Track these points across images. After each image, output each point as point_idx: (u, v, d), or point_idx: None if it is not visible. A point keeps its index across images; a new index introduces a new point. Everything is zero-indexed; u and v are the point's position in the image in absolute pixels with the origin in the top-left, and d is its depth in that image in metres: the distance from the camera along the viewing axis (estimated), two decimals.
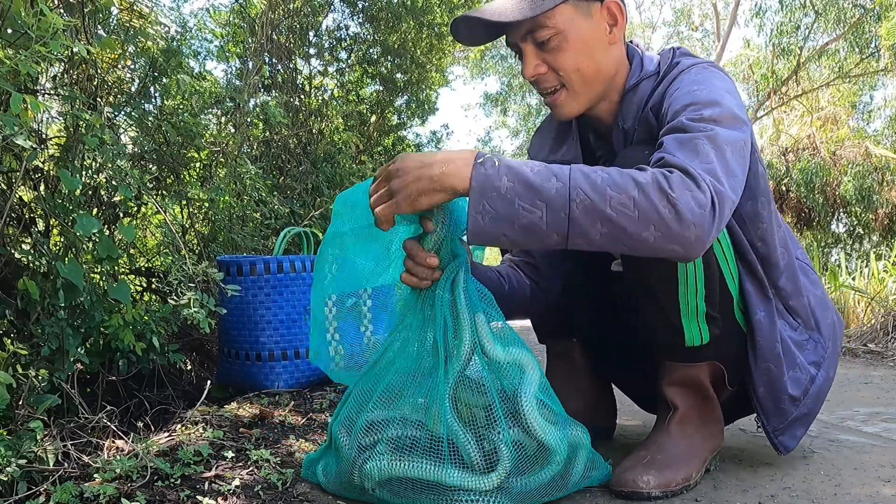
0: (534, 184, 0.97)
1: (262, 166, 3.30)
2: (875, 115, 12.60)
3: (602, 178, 0.97)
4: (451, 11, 5.83)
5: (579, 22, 1.21)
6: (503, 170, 0.98)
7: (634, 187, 0.96)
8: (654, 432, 1.31)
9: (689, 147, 1.04)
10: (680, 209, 0.96)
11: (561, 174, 0.98)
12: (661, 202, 0.95)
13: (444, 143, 6.66)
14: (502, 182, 0.97)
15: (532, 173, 0.98)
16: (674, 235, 0.97)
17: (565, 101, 1.27)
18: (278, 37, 4.15)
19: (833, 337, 1.37)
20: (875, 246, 9.92)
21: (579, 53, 1.22)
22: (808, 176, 9.71)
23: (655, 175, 0.98)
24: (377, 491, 1.10)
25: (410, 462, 1.06)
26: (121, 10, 1.75)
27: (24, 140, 1.19)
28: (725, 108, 1.12)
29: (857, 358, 3.67)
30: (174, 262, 1.71)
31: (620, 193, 0.96)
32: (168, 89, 2.02)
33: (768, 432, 1.29)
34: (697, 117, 1.10)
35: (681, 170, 0.99)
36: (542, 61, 1.24)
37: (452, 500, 1.04)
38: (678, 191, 0.96)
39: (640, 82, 1.27)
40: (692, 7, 16.21)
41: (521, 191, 0.97)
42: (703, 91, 1.15)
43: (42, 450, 1.14)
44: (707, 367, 1.28)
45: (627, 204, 0.96)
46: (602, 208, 0.96)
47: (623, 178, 0.97)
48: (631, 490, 1.17)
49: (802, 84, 11.17)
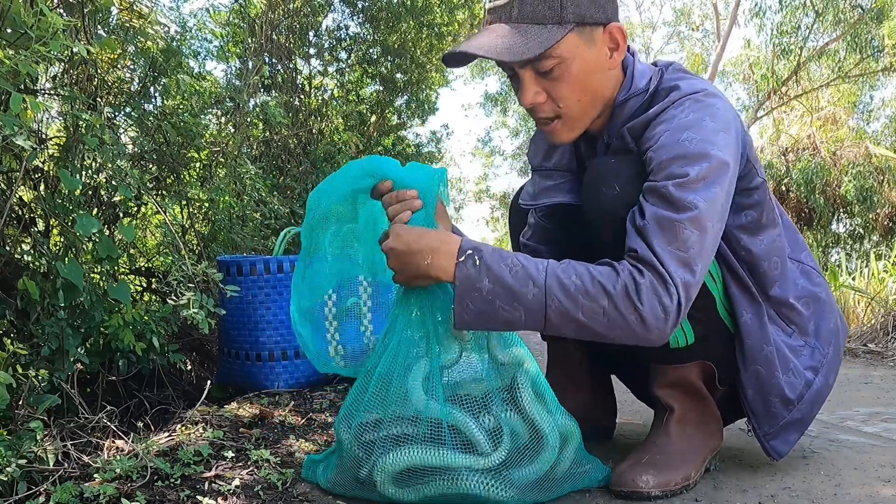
0: (513, 288, 1.05)
1: (262, 166, 3.30)
2: (875, 115, 12.60)
3: (575, 285, 1.05)
4: (451, 11, 5.83)
5: (583, 50, 1.17)
6: (483, 270, 1.06)
7: (605, 297, 1.05)
8: (652, 433, 1.32)
9: (669, 233, 1.07)
10: (646, 318, 1.04)
11: (538, 279, 1.06)
12: (628, 311, 1.04)
13: (444, 143, 6.66)
14: (483, 283, 1.06)
15: (511, 276, 1.06)
16: (638, 337, 1.07)
17: (560, 131, 1.25)
18: (278, 37, 4.15)
19: (834, 342, 1.34)
20: (875, 246, 9.92)
21: (580, 83, 1.19)
22: (808, 176, 9.72)
23: (626, 284, 1.05)
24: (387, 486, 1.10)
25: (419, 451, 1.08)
26: (120, 10, 1.75)
27: (24, 140, 1.19)
28: (714, 159, 1.10)
29: (857, 358, 3.67)
30: (174, 263, 1.71)
31: (591, 303, 1.05)
32: (168, 89, 2.02)
33: (759, 436, 1.28)
34: (683, 182, 1.09)
35: (654, 271, 1.05)
36: (541, 89, 1.20)
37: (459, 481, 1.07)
38: (646, 300, 1.04)
39: (628, 99, 1.24)
40: (692, 7, 16.23)
41: (501, 293, 1.06)
42: (694, 141, 1.12)
43: (42, 450, 1.14)
44: (697, 367, 1.28)
45: (598, 312, 1.05)
46: (574, 315, 1.05)
47: (595, 287, 1.05)
48: (630, 490, 1.17)
49: (802, 84, 11.17)
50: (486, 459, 1.09)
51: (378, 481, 1.10)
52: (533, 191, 1.42)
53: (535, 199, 1.41)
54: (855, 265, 7.10)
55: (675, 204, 1.08)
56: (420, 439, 1.09)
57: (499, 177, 21.72)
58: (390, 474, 1.09)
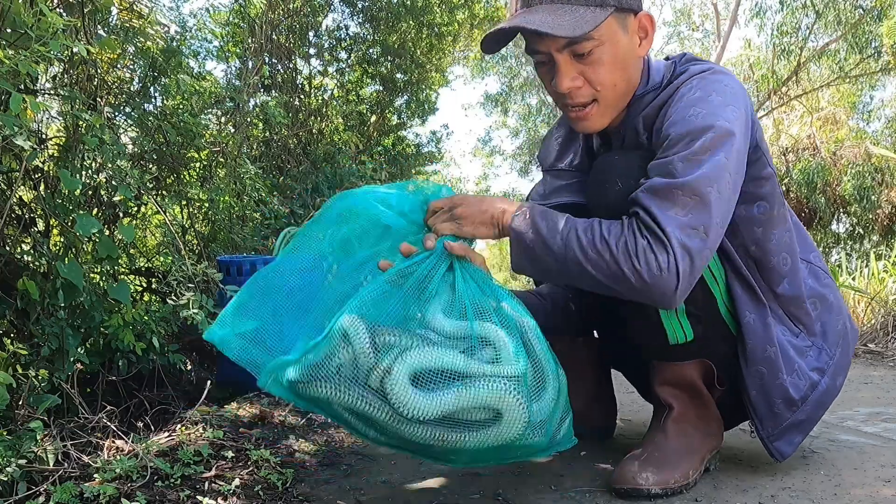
0: (545, 239, 1.15)
1: (262, 166, 3.30)
2: (875, 116, 12.60)
3: (587, 238, 1.12)
4: (451, 11, 5.82)
5: (619, 35, 1.19)
6: (529, 221, 1.16)
7: (608, 252, 1.11)
8: (650, 431, 1.32)
9: (667, 199, 1.10)
10: (643, 274, 1.09)
11: (561, 230, 1.14)
12: (626, 267, 1.10)
13: (444, 143, 6.67)
14: (528, 234, 1.16)
15: (546, 229, 1.15)
16: (639, 293, 1.11)
17: (595, 116, 1.25)
18: (278, 37, 4.15)
19: (842, 344, 1.33)
20: (875, 246, 9.92)
21: (617, 67, 1.20)
22: (809, 176, 9.72)
23: (626, 241, 1.10)
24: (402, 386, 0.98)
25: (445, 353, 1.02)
26: (120, 11, 1.75)
27: (24, 140, 1.19)
28: (718, 128, 1.12)
29: (857, 358, 3.67)
30: (174, 263, 1.71)
31: (598, 256, 1.11)
32: (168, 89, 2.02)
33: (762, 437, 1.27)
34: (688, 154, 1.11)
35: (651, 233, 1.09)
36: (578, 74, 1.20)
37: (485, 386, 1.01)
38: (642, 258, 1.08)
39: (645, 94, 1.26)
40: (692, 7, 16.23)
41: (538, 241, 1.15)
42: (700, 115, 1.14)
43: (42, 450, 1.14)
44: (697, 366, 1.28)
45: (602, 265, 1.11)
46: (585, 266, 1.12)
47: (601, 243, 1.11)
48: (631, 487, 1.17)
49: (802, 84, 11.17)
50: (512, 367, 1.04)
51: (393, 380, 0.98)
52: (544, 191, 1.43)
53: (545, 198, 1.41)
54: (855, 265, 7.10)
55: (674, 173, 1.11)
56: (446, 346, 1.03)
57: (499, 177, 21.76)
58: (410, 368, 0.99)
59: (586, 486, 1.25)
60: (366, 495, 1.22)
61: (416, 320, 1.06)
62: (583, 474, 1.33)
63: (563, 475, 1.32)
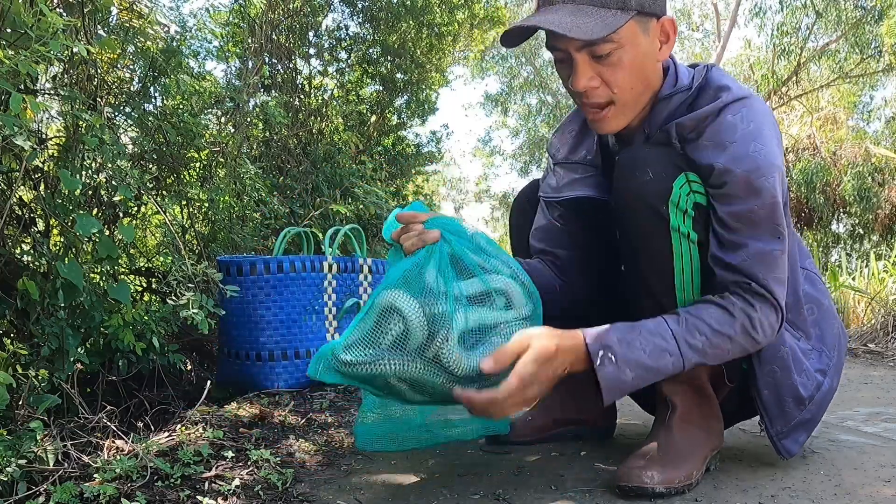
0: (653, 367, 1.15)
1: (262, 166, 3.30)
2: (875, 116, 12.60)
3: (702, 342, 1.16)
4: (451, 11, 5.82)
5: (640, 38, 1.19)
6: (622, 364, 1.12)
7: (727, 341, 1.17)
8: (654, 430, 1.32)
9: (771, 264, 1.18)
10: (761, 341, 1.20)
11: (672, 350, 1.15)
12: (748, 343, 1.19)
13: (444, 143, 6.66)
14: (626, 375, 1.13)
15: (647, 355, 1.14)
16: (753, 350, 1.22)
17: (612, 119, 1.25)
18: (278, 37, 4.15)
19: (837, 347, 1.37)
20: (875, 246, 9.92)
21: (635, 70, 1.20)
22: (809, 176, 9.72)
23: (742, 323, 1.16)
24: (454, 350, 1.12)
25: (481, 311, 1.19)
26: (120, 11, 1.75)
27: (24, 140, 1.19)
28: (778, 170, 1.18)
29: (857, 358, 3.67)
30: (174, 263, 1.71)
31: (717, 349, 1.17)
32: (168, 89, 2.02)
33: (771, 436, 1.30)
34: (765, 210, 1.17)
35: (765, 301, 1.17)
36: (596, 74, 1.20)
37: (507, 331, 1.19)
38: (760, 329, 1.18)
39: (673, 95, 1.26)
40: (692, 7, 16.22)
41: (644, 374, 1.14)
42: (761, 153, 1.16)
43: (42, 450, 1.14)
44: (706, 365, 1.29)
45: (723, 353, 1.19)
46: (705, 361, 1.19)
47: (718, 338, 1.16)
48: (636, 485, 1.17)
49: (802, 84, 11.17)
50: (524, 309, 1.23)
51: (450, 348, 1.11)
52: (556, 184, 1.42)
53: (559, 191, 1.40)
54: (855, 265, 7.10)
55: (770, 231, 1.18)
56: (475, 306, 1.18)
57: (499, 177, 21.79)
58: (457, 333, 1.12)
59: (586, 486, 1.25)
60: (366, 495, 1.22)
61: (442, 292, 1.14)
62: (583, 474, 1.33)
63: (563, 475, 1.32)
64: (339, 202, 3.77)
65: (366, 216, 4.20)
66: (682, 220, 1.19)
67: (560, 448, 1.51)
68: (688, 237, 1.19)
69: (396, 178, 6.25)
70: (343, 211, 3.43)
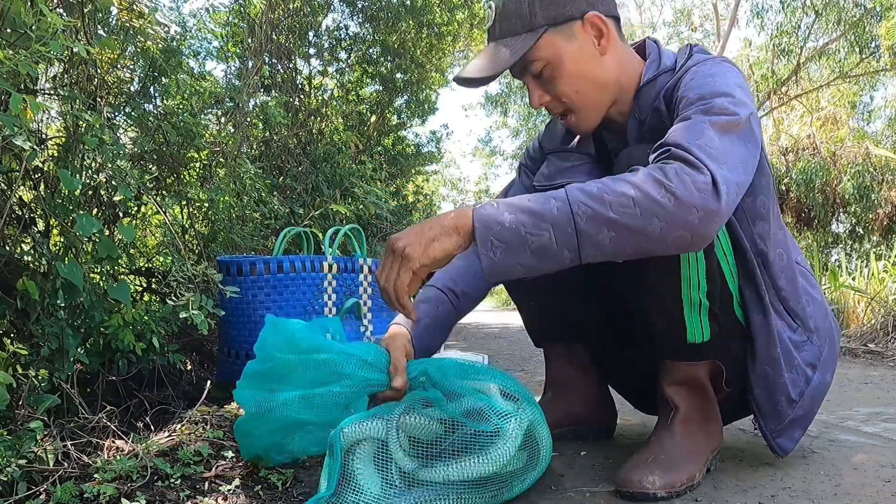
0: (535, 209, 1.00)
1: (261, 166, 3.30)
2: (875, 115, 12.60)
3: (598, 187, 1.00)
4: (450, 11, 5.82)
5: (565, 46, 1.24)
6: (503, 206, 1.01)
7: (630, 187, 0.99)
8: (656, 432, 1.31)
9: (695, 130, 1.06)
10: (678, 194, 0.97)
11: (558, 195, 1.01)
12: (659, 192, 0.98)
13: (444, 143, 6.67)
14: (504, 216, 1.00)
15: (531, 202, 1.01)
16: (678, 221, 0.98)
17: (578, 122, 1.31)
18: (278, 37, 4.15)
19: (830, 341, 1.36)
20: (875, 246, 9.92)
21: (574, 77, 1.25)
22: (808, 176, 9.72)
23: (650, 171, 1.00)
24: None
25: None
26: (120, 11, 1.75)
27: (24, 140, 1.19)
28: (738, 101, 1.12)
29: (857, 358, 3.67)
30: (174, 263, 1.71)
31: (619, 196, 0.98)
32: (168, 89, 2.02)
33: (766, 434, 1.29)
34: (708, 107, 1.10)
35: (679, 158, 1.01)
36: (544, 91, 1.28)
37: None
38: (675, 179, 0.98)
39: (657, 76, 1.28)
40: (692, 7, 16.23)
41: (525, 219, 0.99)
42: (718, 81, 1.16)
43: (42, 450, 1.14)
44: (707, 366, 1.29)
45: (627, 203, 0.98)
46: (605, 213, 0.98)
47: (617, 182, 1.00)
48: (636, 490, 1.16)
49: (802, 84, 11.17)
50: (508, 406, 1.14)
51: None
52: (549, 172, 1.42)
53: (551, 179, 1.40)
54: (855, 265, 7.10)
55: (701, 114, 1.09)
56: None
57: (499, 177, 21.80)
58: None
59: (586, 486, 1.25)
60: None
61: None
62: (583, 474, 1.33)
63: (563, 475, 1.32)
64: (339, 202, 3.77)
65: (366, 216, 4.20)
66: None
67: (560, 448, 1.51)
68: None
69: (396, 178, 6.25)
70: (343, 211, 3.43)
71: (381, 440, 1.08)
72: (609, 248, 1.00)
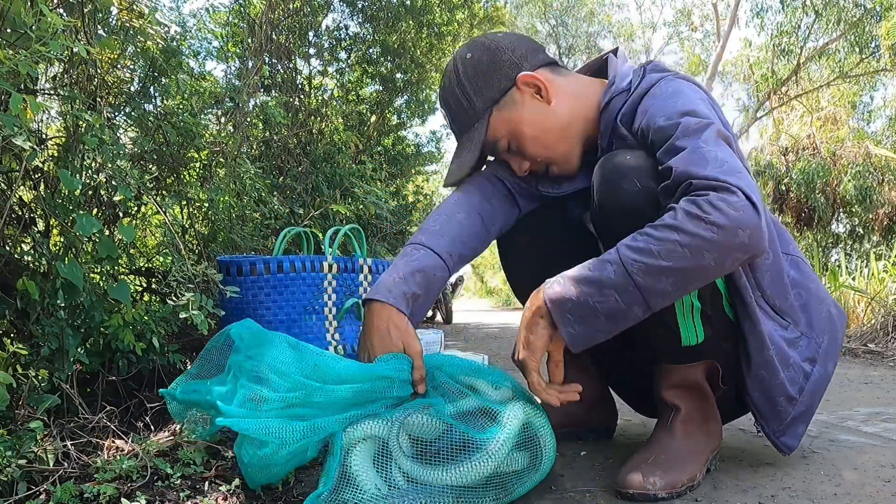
0: (595, 279, 1.07)
1: (261, 166, 3.30)
2: (875, 116, 12.61)
3: (643, 240, 1.05)
4: (450, 11, 5.83)
5: (513, 115, 1.29)
6: (567, 282, 1.09)
7: (673, 231, 1.03)
8: (656, 433, 1.31)
9: (696, 154, 1.07)
10: (720, 223, 1.01)
11: (611, 258, 1.07)
12: (699, 228, 1.01)
13: (444, 143, 6.68)
14: (571, 292, 1.08)
15: (590, 270, 1.08)
16: (728, 248, 1.02)
17: (562, 170, 1.35)
18: (278, 37, 4.15)
19: (830, 330, 1.34)
20: (875, 246, 9.92)
21: (537, 136, 1.30)
22: (809, 176, 9.72)
23: (684, 209, 1.03)
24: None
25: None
26: (120, 10, 1.74)
27: (24, 140, 1.19)
28: (701, 113, 1.14)
29: (857, 358, 3.67)
30: (174, 263, 1.71)
31: (665, 244, 1.03)
32: (168, 89, 2.02)
33: (768, 435, 1.29)
34: (686, 128, 1.11)
35: (704, 188, 1.03)
36: (521, 159, 1.34)
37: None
38: (711, 210, 1.01)
39: (611, 100, 1.29)
40: (692, 7, 16.23)
41: (589, 290, 1.07)
42: (680, 101, 1.17)
43: (42, 450, 1.14)
44: (703, 367, 1.29)
45: (674, 248, 1.02)
46: (658, 264, 1.03)
47: (659, 230, 1.04)
48: (637, 491, 1.16)
49: (802, 84, 11.17)
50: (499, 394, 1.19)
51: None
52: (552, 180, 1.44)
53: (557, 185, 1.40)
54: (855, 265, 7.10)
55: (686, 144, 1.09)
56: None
57: None
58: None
59: (586, 486, 1.25)
60: None
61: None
62: (583, 474, 1.33)
63: (563, 475, 1.32)
64: (339, 202, 3.77)
65: (366, 216, 4.20)
66: None
67: (560, 448, 1.50)
68: None
69: (396, 178, 6.25)
70: (343, 211, 3.43)
71: (381, 439, 1.08)
72: (673, 292, 1.06)
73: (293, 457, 1.06)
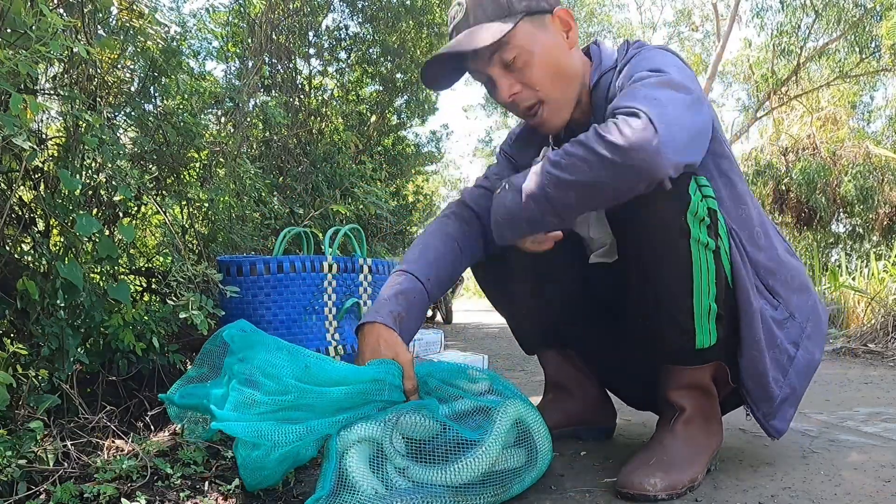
0: (521, 185, 1.14)
1: (261, 166, 3.30)
2: (875, 116, 12.61)
3: (559, 154, 1.09)
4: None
5: (539, 36, 1.26)
6: (510, 187, 1.17)
7: (579, 147, 1.07)
8: (658, 433, 1.30)
9: (630, 94, 1.10)
10: (616, 142, 1.03)
11: (538, 168, 1.12)
12: (599, 145, 1.04)
13: (444, 143, 6.67)
14: (507, 197, 1.17)
15: (521, 177, 1.16)
16: (622, 168, 1.03)
17: (549, 116, 1.30)
18: (278, 37, 4.15)
19: (814, 318, 1.34)
20: (875, 246, 9.92)
21: (549, 65, 1.26)
22: (809, 176, 9.72)
23: (595, 129, 1.06)
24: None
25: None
26: (120, 10, 1.74)
27: (24, 140, 1.19)
28: (670, 74, 1.15)
29: (857, 358, 3.67)
30: (174, 263, 1.71)
31: (571, 158, 1.07)
32: (168, 89, 2.02)
33: (758, 418, 1.29)
34: (640, 76, 1.15)
35: (618, 113, 1.07)
36: (515, 81, 1.27)
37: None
38: (612, 129, 1.04)
39: (600, 78, 1.31)
40: (692, 7, 16.24)
41: (517, 196, 1.15)
42: (652, 63, 1.19)
43: (42, 450, 1.14)
44: (711, 368, 1.28)
45: (577, 164, 1.06)
46: (563, 177, 1.08)
47: (572, 145, 1.08)
48: (637, 492, 1.15)
49: (802, 84, 11.18)
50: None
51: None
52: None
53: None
54: (855, 265, 7.10)
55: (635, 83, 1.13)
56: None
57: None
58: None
59: (586, 486, 1.25)
60: None
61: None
62: (583, 474, 1.33)
63: (563, 475, 1.32)
64: (339, 202, 3.77)
65: (366, 216, 4.20)
66: (700, 229, 1.16)
67: (560, 448, 1.51)
68: (706, 246, 1.17)
69: (396, 178, 6.26)
70: (343, 211, 3.43)
71: (376, 441, 1.08)
72: (577, 206, 1.11)
73: (286, 459, 1.06)
